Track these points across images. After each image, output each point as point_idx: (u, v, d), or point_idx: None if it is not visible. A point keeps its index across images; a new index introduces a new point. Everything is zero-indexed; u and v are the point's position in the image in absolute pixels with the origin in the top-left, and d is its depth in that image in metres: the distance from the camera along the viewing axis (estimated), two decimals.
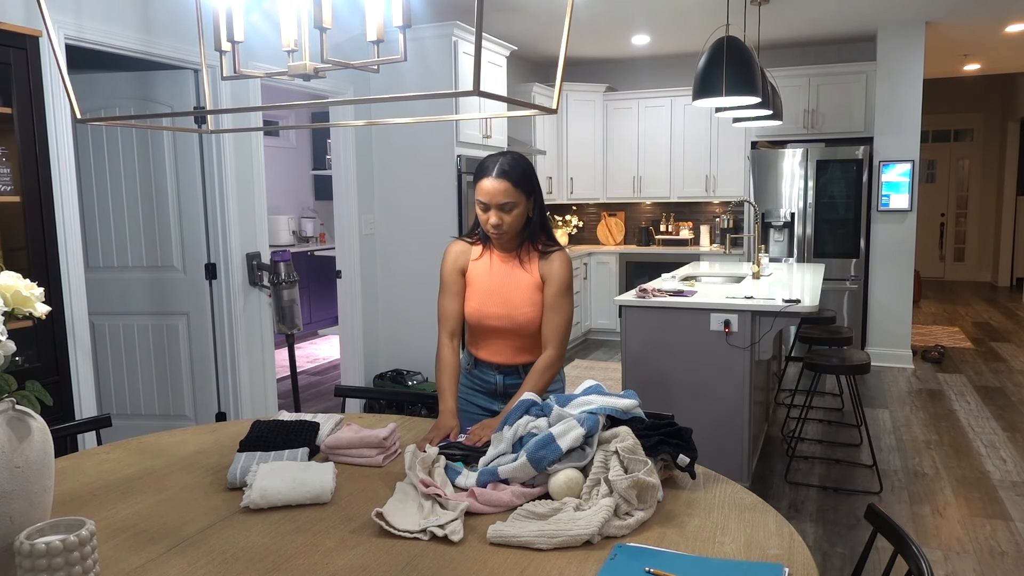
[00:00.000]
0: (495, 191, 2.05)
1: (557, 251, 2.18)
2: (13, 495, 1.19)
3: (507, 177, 2.05)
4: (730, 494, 1.61)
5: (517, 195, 2.07)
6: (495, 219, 2.08)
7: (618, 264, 7.39)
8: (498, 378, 2.24)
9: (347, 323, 5.07)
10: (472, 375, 2.30)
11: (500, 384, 2.24)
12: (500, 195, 2.05)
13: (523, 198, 2.09)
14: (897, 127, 6.13)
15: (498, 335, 2.20)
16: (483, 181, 2.07)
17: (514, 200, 2.07)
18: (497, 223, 2.08)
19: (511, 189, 2.05)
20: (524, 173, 2.09)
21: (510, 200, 2.06)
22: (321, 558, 1.36)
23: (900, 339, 6.32)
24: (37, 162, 2.71)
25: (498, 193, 2.05)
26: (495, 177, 2.05)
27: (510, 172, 2.06)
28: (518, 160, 2.10)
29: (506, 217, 2.08)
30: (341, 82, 4.82)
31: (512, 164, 2.08)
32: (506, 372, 2.23)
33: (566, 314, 2.16)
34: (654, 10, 5.63)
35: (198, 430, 2.14)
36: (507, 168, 2.06)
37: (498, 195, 2.05)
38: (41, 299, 1.35)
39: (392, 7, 1.23)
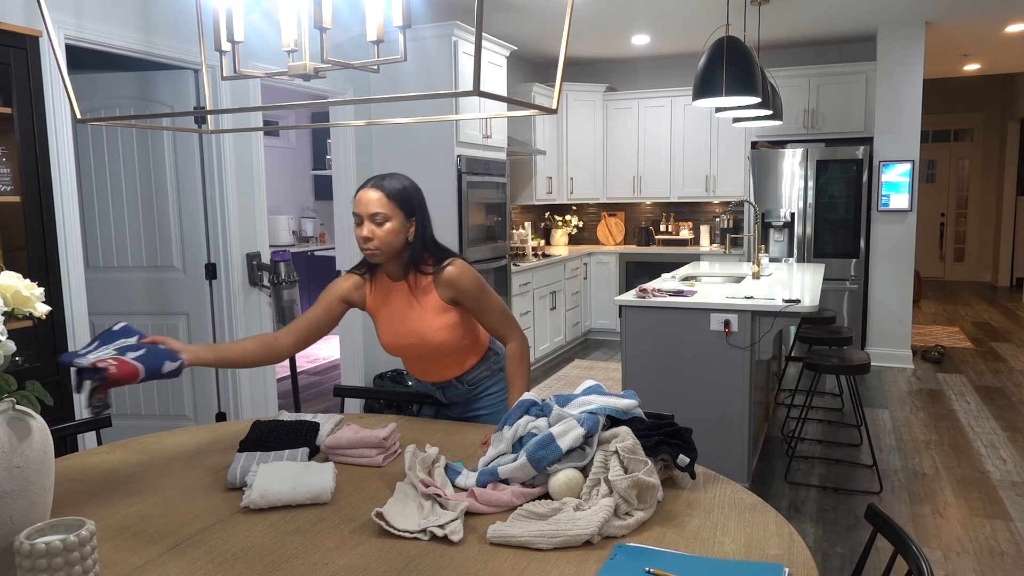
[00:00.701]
0: (367, 200, 1.99)
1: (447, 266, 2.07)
2: (13, 495, 1.19)
3: (381, 188, 1.99)
4: (730, 494, 1.61)
5: (391, 207, 1.99)
6: (366, 231, 1.99)
7: (618, 264, 7.40)
8: (439, 392, 2.29)
9: (347, 323, 5.07)
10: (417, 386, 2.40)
11: (443, 396, 2.30)
12: (373, 204, 1.98)
13: (398, 213, 2.00)
14: (897, 127, 6.13)
15: (422, 360, 2.19)
16: (359, 193, 2.02)
17: (387, 212, 1.98)
18: (368, 236, 1.99)
19: (384, 199, 1.98)
20: (404, 190, 2.02)
21: (382, 211, 1.98)
22: (321, 558, 1.36)
23: (900, 339, 6.32)
24: (37, 162, 2.71)
25: (371, 203, 1.98)
26: (370, 187, 2.00)
27: (386, 186, 2.00)
28: (402, 180, 2.04)
29: (377, 231, 1.98)
30: (341, 82, 4.82)
31: (391, 179, 2.02)
32: (443, 387, 2.27)
33: (497, 305, 2.12)
34: (654, 10, 5.63)
35: (198, 430, 2.14)
36: (383, 181, 2.01)
37: (371, 204, 1.98)
38: (41, 299, 1.35)
39: (392, 7, 1.23)
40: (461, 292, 2.08)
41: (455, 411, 2.32)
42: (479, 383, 2.26)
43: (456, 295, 2.08)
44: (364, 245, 2.01)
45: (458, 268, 2.07)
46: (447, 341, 2.12)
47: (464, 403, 2.30)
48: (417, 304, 2.10)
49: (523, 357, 2.14)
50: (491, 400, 2.29)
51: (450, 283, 2.07)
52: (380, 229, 1.99)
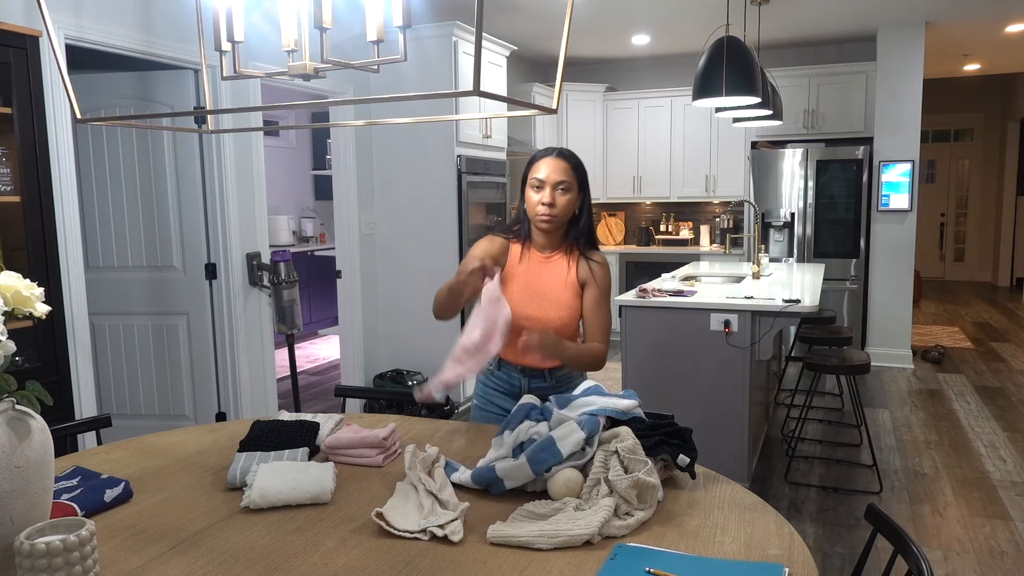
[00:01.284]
0: (554, 167, 2.04)
1: (597, 254, 2.16)
2: (13, 495, 1.19)
3: (566, 159, 2.06)
4: (730, 494, 1.61)
5: (572, 178, 2.06)
6: (548, 198, 2.04)
7: (618, 264, 7.40)
8: (523, 381, 2.17)
9: (347, 323, 5.07)
10: (494, 376, 2.22)
11: (524, 386, 2.17)
12: (558, 172, 2.04)
13: (576, 186, 2.08)
14: (897, 127, 6.13)
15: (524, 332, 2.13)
16: (543, 159, 2.06)
17: (569, 182, 2.05)
18: (550, 202, 2.04)
19: (568, 169, 2.05)
20: (581, 165, 2.10)
21: (566, 179, 2.04)
22: (321, 558, 1.36)
23: (900, 339, 6.32)
24: (37, 162, 2.71)
25: (556, 170, 2.04)
26: (555, 156, 2.06)
27: (570, 157, 2.07)
28: (577, 156, 2.13)
29: (560, 198, 2.05)
30: (341, 82, 4.82)
31: (572, 153, 2.11)
32: (531, 375, 2.17)
33: (608, 314, 2.16)
34: (654, 10, 5.62)
35: (198, 430, 2.14)
36: (567, 154, 2.08)
37: (556, 172, 2.04)
38: (41, 299, 1.35)
39: (392, 7, 1.23)
40: (596, 279, 2.12)
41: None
42: (563, 382, 2.19)
43: (589, 279, 2.13)
44: (541, 213, 2.05)
45: (607, 263, 2.19)
46: (563, 327, 2.10)
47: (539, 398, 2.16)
48: (555, 276, 2.13)
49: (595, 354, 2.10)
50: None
51: (594, 268, 2.13)
52: (563, 197, 2.06)
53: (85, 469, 1.73)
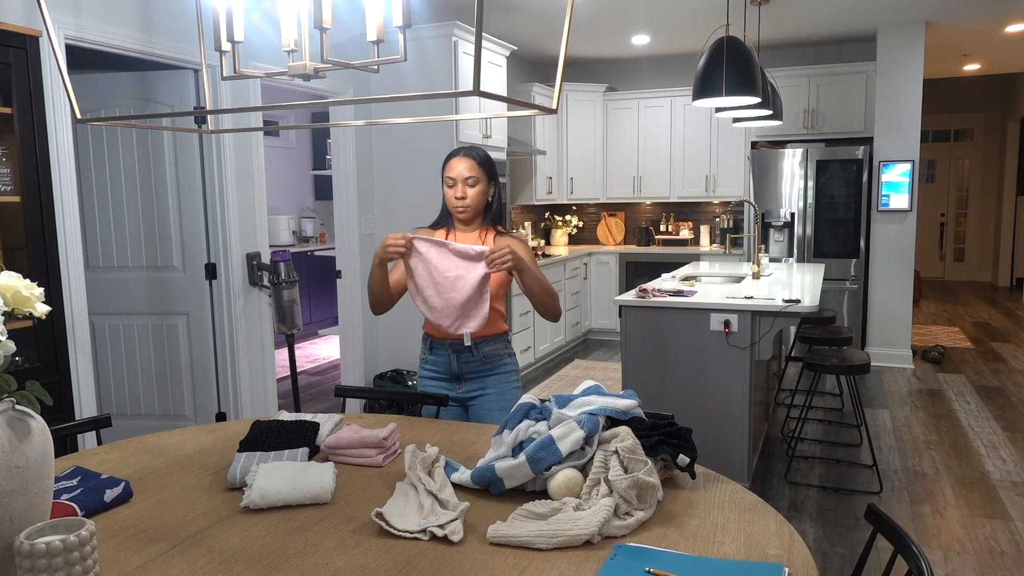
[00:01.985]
0: (460, 166, 2.36)
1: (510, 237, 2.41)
2: (13, 495, 1.19)
3: (471, 156, 2.38)
4: (730, 494, 1.61)
5: (480, 173, 2.38)
6: (459, 192, 2.36)
7: (618, 264, 7.39)
8: (452, 357, 2.40)
9: (347, 323, 5.07)
10: (428, 363, 2.47)
11: (455, 364, 2.40)
12: (466, 169, 2.36)
13: (484, 177, 2.39)
14: (897, 127, 6.13)
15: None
16: (452, 160, 2.39)
17: (476, 176, 2.37)
18: (462, 195, 2.36)
19: (475, 165, 2.37)
20: (487, 159, 2.42)
21: (473, 175, 2.36)
22: (321, 558, 1.36)
23: (900, 339, 6.32)
24: (37, 162, 2.71)
25: (464, 168, 2.36)
26: (462, 156, 2.38)
27: (475, 155, 2.39)
28: (482, 151, 2.43)
29: (470, 191, 2.36)
30: (341, 82, 4.82)
31: (479, 150, 2.42)
32: (459, 350, 2.38)
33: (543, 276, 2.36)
34: (654, 10, 5.63)
35: (198, 430, 2.14)
36: (473, 152, 2.40)
37: (465, 169, 2.36)
38: (41, 299, 1.35)
39: (392, 7, 1.23)
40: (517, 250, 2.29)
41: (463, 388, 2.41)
42: (491, 359, 2.40)
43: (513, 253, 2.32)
44: (457, 205, 2.39)
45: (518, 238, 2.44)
46: None
47: (473, 378, 2.40)
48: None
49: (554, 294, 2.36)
50: (499, 380, 2.41)
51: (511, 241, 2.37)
52: (472, 190, 2.38)
53: (85, 469, 1.73)
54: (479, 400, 2.40)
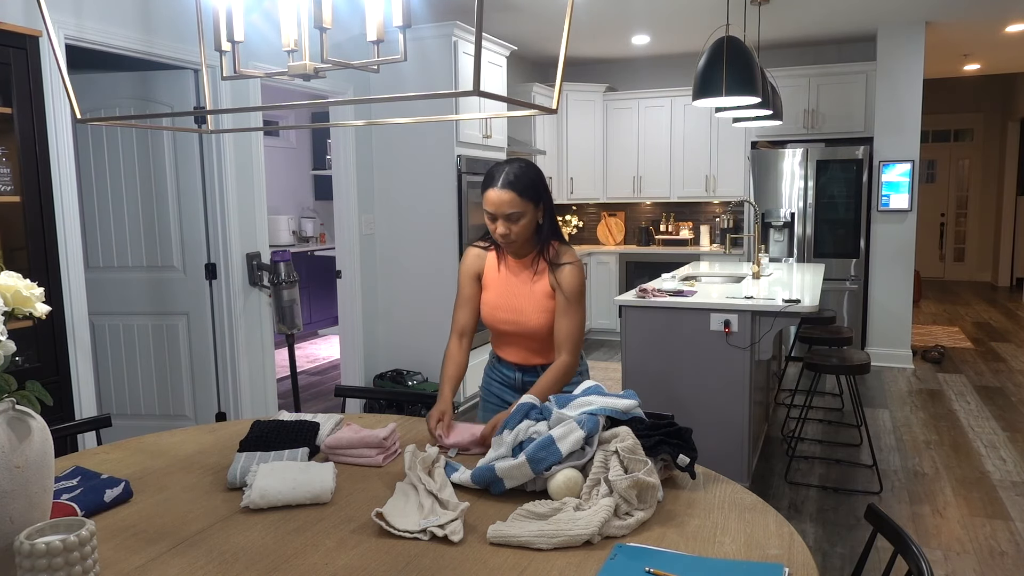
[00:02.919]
0: (501, 201, 2.04)
1: (568, 263, 2.16)
2: (13, 495, 1.19)
3: (512, 188, 2.04)
4: (730, 494, 1.61)
5: (523, 204, 2.06)
6: (503, 229, 2.08)
7: (618, 264, 7.39)
8: (517, 375, 2.31)
9: (347, 323, 5.07)
10: (495, 368, 2.38)
11: (519, 380, 2.32)
12: (506, 205, 2.04)
13: (530, 207, 2.08)
14: (897, 127, 6.13)
15: (511, 338, 2.26)
16: (489, 192, 2.06)
17: (520, 210, 2.06)
18: (505, 232, 2.08)
19: (517, 199, 2.04)
20: (531, 182, 2.07)
21: (516, 210, 2.05)
22: (321, 558, 1.36)
23: (900, 339, 6.32)
24: (37, 162, 2.71)
25: (504, 204, 2.04)
26: (500, 188, 2.04)
27: (515, 183, 2.04)
28: (525, 169, 2.08)
29: (514, 227, 2.08)
30: (341, 82, 4.82)
31: (518, 174, 2.06)
32: (524, 370, 2.29)
33: (577, 320, 2.15)
34: (654, 10, 5.62)
35: (198, 430, 2.14)
36: (512, 179, 2.05)
37: (504, 205, 2.04)
38: (41, 299, 1.35)
39: (392, 7, 1.23)
40: (564, 284, 2.14)
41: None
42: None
43: (558, 282, 2.15)
44: (502, 240, 2.11)
45: (577, 265, 2.17)
46: (542, 328, 2.19)
47: None
48: (529, 283, 2.20)
49: (564, 375, 2.11)
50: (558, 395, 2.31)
51: (561, 270, 2.14)
52: (516, 225, 2.08)
53: (85, 469, 1.73)
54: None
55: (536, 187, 2.09)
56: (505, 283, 2.22)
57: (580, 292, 2.15)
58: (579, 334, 2.15)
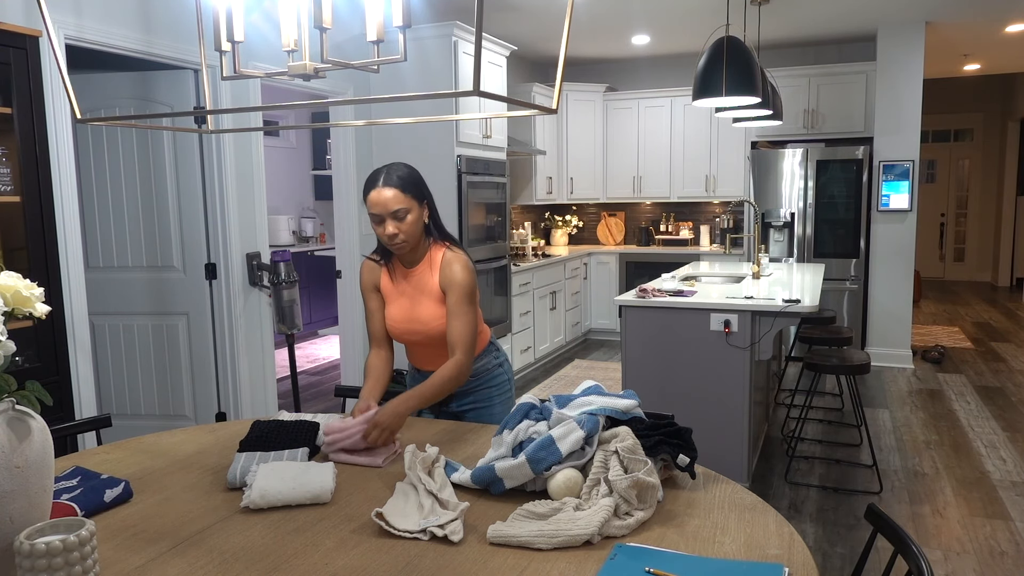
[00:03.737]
0: (385, 200, 2.05)
1: (453, 256, 2.15)
2: (13, 495, 1.19)
3: (394, 185, 2.05)
4: (730, 494, 1.61)
5: (408, 200, 2.07)
6: (392, 229, 2.07)
7: (618, 264, 7.39)
8: None
9: (347, 323, 5.07)
10: (415, 379, 2.38)
11: None
12: (391, 203, 2.05)
13: (415, 204, 2.09)
14: (897, 127, 6.13)
15: (421, 348, 2.26)
16: (372, 193, 2.06)
17: (406, 206, 2.06)
18: (394, 232, 2.07)
19: (400, 195, 2.05)
20: (410, 178, 2.09)
21: (402, 206, 2.05)
22: (321, 558, 1.36)
23: (900, 339, 6.32)
24: (37, 162, 2.71)
25: (389, 201, 2.05)
26: (383, 186, 2.05)
27: (397, 181, 2.06)
28: (406, 169, 2.11)
29: (401, 225, 2.07)
30: (341, 82, 4.82)
31: (399, 173, 2.08)
32: None
33: (468, 319, 2.12)
34: (654, 10, 5.63)
35: (198, 430, 2.14)
36: (394, 178, 2.07)
37: (389, 203, 2.05)
38: (41, 299, 1.35)
39: (392, 7, 1.23)
40: (452, 283, 2.12)
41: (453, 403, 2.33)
42: (479, 375, 2.30)
43: (446, 283, 2.14)
44: (391, 241, 2.09)
45: (462, 258, 2.15)
46: (442, 328, 2.17)
47: (461, 394, 2.32)
48: (422, 290, 2.18)
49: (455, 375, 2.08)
50: (489, 393, 2.32)
51: (445, 270, 2.14)
52: (403, 223, 2.07)
53: (85, 469, 1.73)
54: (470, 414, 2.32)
55: (418, 185, 2.11)
56: (401, 295, 2.21)
57: (468, 291, 2.12)
58: (472, 335, 2.12)
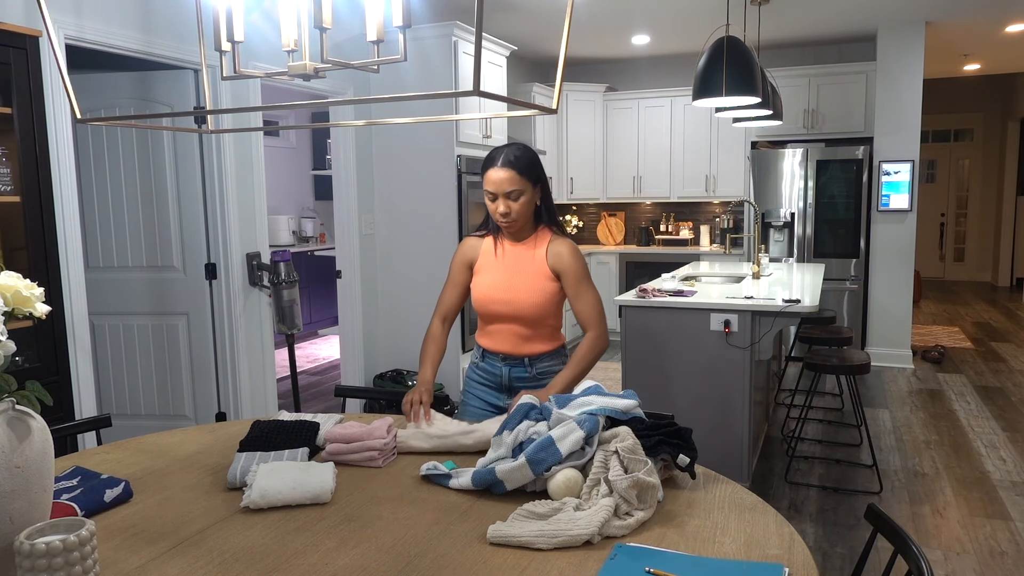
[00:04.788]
0: (501, 180, 2.13)
1: (562, 240, 2.23)
2: (13, 495, 1.19)
3: (512, 166, 2.13)
4: (730, 494, 1.61)
5: (523, 183, 2.14)
6: (503, 207, 2.15)
7: (618, 264, 7.39)
8: (504, 370, 2.28)
9: (347, 323, 5.07)
10: (479, 368, 2.35)
11: (506, 377, 2.27)
12: (506, 183, 2.13)
13: (529, 186, 2.16)
14: (897, 127, 6.13)
15: (502, 321, 2.25)
16: (490, 171, 2.15)
17: (520, 188, 2.14)
18: (506, 211, 2.15)
19: (516, 177, 2.13)
20: (530, 162, 2.16)
21: (516, 188, 2.13)
22: (321, 558, 1.36)
23: (900, 339, 6.32)
24: (37, 162, 2.71)
25: (504, 181, 2.13)
26: (500, 166, 2.13)
27: (515, 162, 2.13)
28: (524, 150, 2.17)
29: (513, 205, 2.15)
30: (341, 82, 4.82)
31: (518, 154, 2.15)
32: (512, 363, 2.27)
33: (593, 297, 2.22)
34: (654, 10, 5.62)
35: (198, 430, 2.14)
36: (512, 158, 2.13)
37: (504, 183, 2.13)
38: (41, 299, 1.35)
39: (392, 7, 1.23)
40: (567, 268, 2.20)
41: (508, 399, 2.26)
42: (546, 375, 2.28)
43: (561, 268, 2.20)
44: (503, 219, 2.18)
45: (572, 244, 2.24)
46: (535, 309, 2.20)
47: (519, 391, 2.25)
48: (526, 263, 2.23)
49: (597, 343, 2.20)
50: None
51: (560, 255, 2.20)
52: (516, 203, 2.16)
53: (85, 469, 1.73)
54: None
55: (534, 168, 2.17)
56: (502, 265, 2.25)
57: (585, 272, 2.23)
58: (600, 309, 2.23)
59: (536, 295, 2.20)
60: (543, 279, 2.20)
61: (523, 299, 2.20)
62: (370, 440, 1.84)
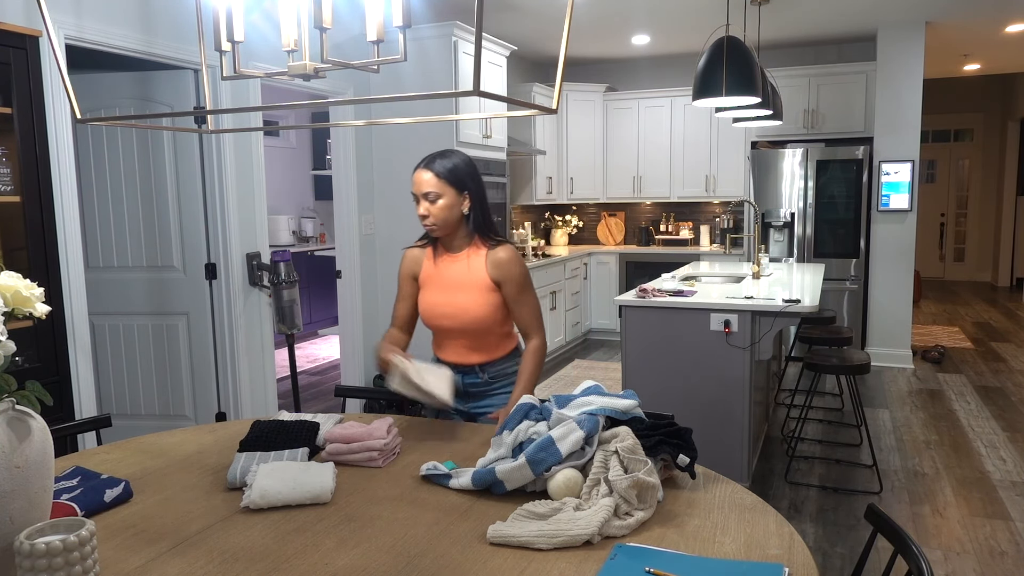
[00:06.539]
0: (420, 181, 2.17)
1: (501, 248, 2.22)
2: (13, 495, 1.19)
3: (431, 169, 2.16)
4: (730, 494, 1.61)
5: (442, 186, 2.15)
6: (422, 210, 2.18)
7: (618, 264, 7.39)
8: (457, 377, 2.29)
9: (347, 323, 5.07)
10: None
11: (460, 383, 2.30)
12: (424, 185, 2.16)
13: (451, 191, 2.17)
14: (897, 127, 6.13)
15: (450, 335, 2.28)
16: (414, 173, 2.21)
17: (438, 191, 2.15)
18: (424, 214, 2.18)
19: (435, 180, 2.15)
20: (454, 168, 2.17)
21: (434, 191, 2.15)
22: (321, 558, 1.36)
23: (900, 339, 6.32)
24: (37, 162, 2.71)
25: (422, 183, 2.16)
26: (423, 168, 2.18)
27: (436, 166, 2.17)
28: (452, 158, 2.19)
29: (432, 208, 2.17)
30: (341, 82, 4.82)
31: (442, 160, 2.18)
32: (463, 372, 2.29)
33: (534, 303, 2.26)
34: (654, 10, 5.62)
35: (198, 430, 2.14)
36: (434, 162, 2.17)
37: (422, 184, 2.16)
38: (41, 299, 1.35)
39: (392, 7, 1.23)
40: (507, 276, 2.20)
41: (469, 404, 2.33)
42: (499, 378, 2.31)
43: (501, 277, 2.20)
44: (422, 221, 2.20)
45: (510, 250, 2.23)
46: (480, 323, 2.21)
47: (477, 396, 2.32)
48: (464, 276, 2.23)
49: (538, 353, 2.25)
50: (503, 399, 2.31)
51: (500, 264, 2.20)
52: (434, 206, 2.17)
53: (85, 469, 1.73)
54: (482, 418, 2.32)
55: (458, 174, 2.18)
56: (441, 277, 2.27)
57: (527, 279, 2.25)
58: (539, 314, 2.27)
59: (479, 309, 2.20)
60: (485, 291, 2.21)
61: (468, 314, 2.21)
62: (370, 440, 1.84)
